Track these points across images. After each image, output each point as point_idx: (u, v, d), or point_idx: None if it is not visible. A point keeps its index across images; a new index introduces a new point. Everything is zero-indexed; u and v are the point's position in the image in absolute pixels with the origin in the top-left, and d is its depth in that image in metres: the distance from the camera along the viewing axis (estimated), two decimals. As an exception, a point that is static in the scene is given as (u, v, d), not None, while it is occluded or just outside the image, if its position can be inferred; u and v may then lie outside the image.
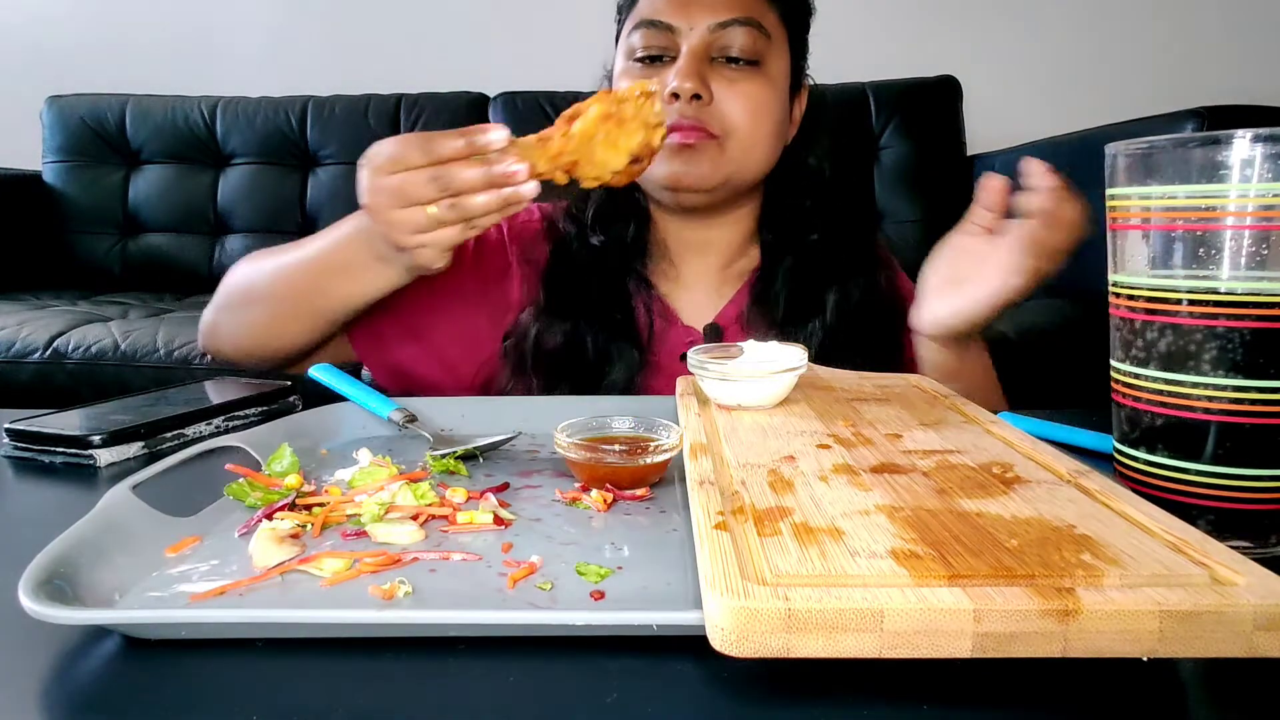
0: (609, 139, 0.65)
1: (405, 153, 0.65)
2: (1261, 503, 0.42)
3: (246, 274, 0.86)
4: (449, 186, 0.64)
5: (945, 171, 2.25)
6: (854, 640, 0.28)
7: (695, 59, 0.82)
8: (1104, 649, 0.29)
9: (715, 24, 0.83)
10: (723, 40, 0.83)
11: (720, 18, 0.83)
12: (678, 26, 0.84)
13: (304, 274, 0.79)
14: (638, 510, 0.49)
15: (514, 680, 0.32)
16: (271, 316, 0.82)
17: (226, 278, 0.87)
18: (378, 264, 0.74)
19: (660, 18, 0.84)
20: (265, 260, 0.84)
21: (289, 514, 0.47)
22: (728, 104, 0.83)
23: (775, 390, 0.56)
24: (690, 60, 0.82)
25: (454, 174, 0.63)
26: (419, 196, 0.64)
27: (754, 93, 0.84)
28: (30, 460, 0.63)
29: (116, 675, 0.33)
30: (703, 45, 0.83)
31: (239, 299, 0.85)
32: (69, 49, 2.68)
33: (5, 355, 1.69)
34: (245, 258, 0.88)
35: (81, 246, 2.42)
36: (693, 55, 0.83)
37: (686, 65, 0.82)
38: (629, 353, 0.86)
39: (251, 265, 0.86)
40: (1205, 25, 2.46)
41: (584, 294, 0.88)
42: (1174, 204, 0.43)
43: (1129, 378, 0.46)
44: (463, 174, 0.63)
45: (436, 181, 0.64)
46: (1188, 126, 1.41)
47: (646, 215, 0.93)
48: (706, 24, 0.83)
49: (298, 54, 2.66)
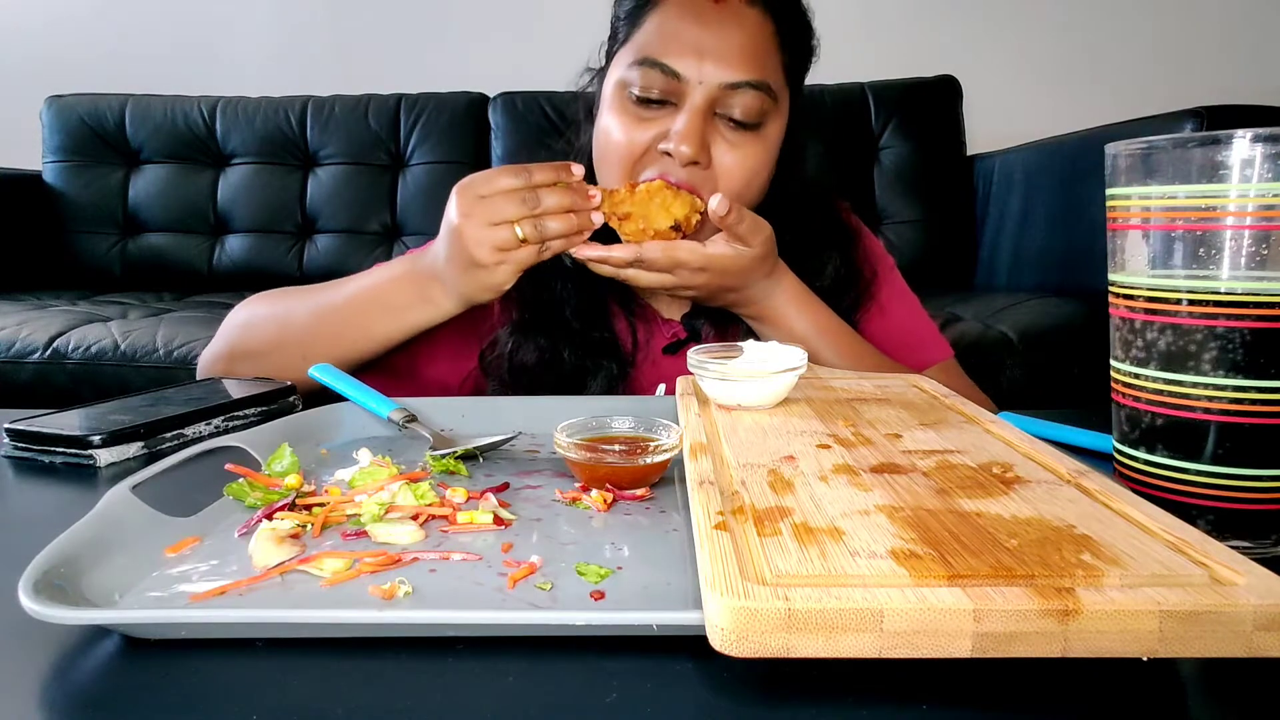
0: (663, 204, 0.77)
1: (502, 176, 0.73)
2: (1261, 503, 0.42)
3: (267, 316, 0.86)
4: (537, 206, 0.72)
5: (945, 171, 2.25)
6: (854, 640, 0.28)
7: (698, 119, 0.78)
8: (1104, 649, 0.29)
9: (726, 83, 0.78)
10: (729, 99, 0.78)
11: (732, 78, 0.78)
12: (686, 77, 0.78)
13: (349, 314, 0.81)
14: (638, 510, 0.49)
15: (514, 680, 0.32)
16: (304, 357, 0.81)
17: (235, 320, 0.88)
18: (423, 304, 0.79)
19: (668, 61, 0.78)
20: (292, 301, 0.85)
21: (289, 514, 0.47)
22: (725, 169, 0.80)
23: (775, 390, 0.56)
24: (693, 121, 0.78)
25: (542, 195, 0.73)
26: (509, 214, 0.72)
27: (751, 159, 0.81)
28: (30, 460, 0.63)
29: (116, 675, 0.33)
30: (707, 103, 0.78)
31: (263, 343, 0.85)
32: (69, 49, 2.68)
33: (5, 355, 1.69)
34: (250, 301, 0.88)
35: (81, 246, 2.42)
36: (696, 115, 0.78)
37: (688, 127, 0.77)
38: (608, 366, 0.86)
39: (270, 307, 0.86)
40: (1205, 25, 2.46)
41: (560, 310, 0.87)
42: (1174, 204, 0.43)
43: (1129, 378, 0.46)
44: (549, 197, 0.73)
45: (526, 202, 0.72)
46: (1188, 126, 1.41)
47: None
48: (717, 81, 0.78)
49: (298, 54, 2.66)
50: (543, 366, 0.85)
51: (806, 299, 0.84)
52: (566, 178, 0.74)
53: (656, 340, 0.90)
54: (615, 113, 0.82)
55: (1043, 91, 2.49)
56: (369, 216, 2.36)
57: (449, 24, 2.61)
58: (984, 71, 2.40)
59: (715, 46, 0.78)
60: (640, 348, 0.89)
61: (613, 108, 0.83)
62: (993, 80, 2.43)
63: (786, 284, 0.83)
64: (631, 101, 0.81)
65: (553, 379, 0.86)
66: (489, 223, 0.72)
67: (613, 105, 0.83)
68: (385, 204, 2.37)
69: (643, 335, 0.89)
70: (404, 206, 2.36)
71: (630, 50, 0.82)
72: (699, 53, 0.78)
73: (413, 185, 2.36)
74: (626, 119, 0.81)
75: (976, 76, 2.33)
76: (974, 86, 2.30)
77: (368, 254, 2.33)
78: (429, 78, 2.45)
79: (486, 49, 2.59)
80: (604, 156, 0.84)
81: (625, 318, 0.90)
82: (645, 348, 0.89)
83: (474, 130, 2.37)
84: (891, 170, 2.25)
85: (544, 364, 0.86)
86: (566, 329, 0.87)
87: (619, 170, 0.82)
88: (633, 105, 0.81)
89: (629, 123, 0.81)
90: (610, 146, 0.83)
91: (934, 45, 2.49)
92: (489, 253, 0.72)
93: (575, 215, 0.74)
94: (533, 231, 0.72)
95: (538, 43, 2.55)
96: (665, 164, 0.80)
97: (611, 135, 0.82)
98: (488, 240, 0.72)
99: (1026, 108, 2.44)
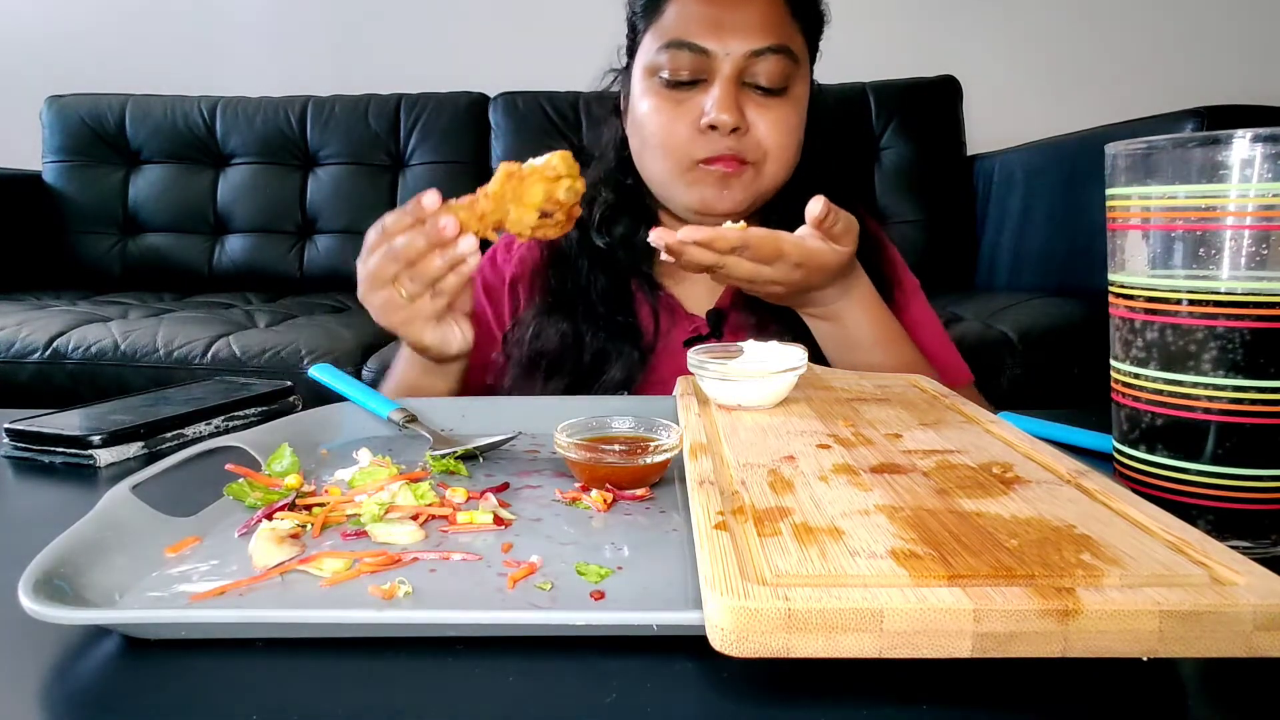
0: (516, 196, 0.70)
1: (368, 240, 0.71)
2: (1261, 503, 0.42)
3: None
4: (399, 256, 0.68)
5: (945, 171, 2.25)
6: (854, 640, 0.28)
7: (731, 87, 0.82)
8: (1104, 649, 0.29)
9: (751, 51, 0.82)
10: (755, 66, 0.82)
11: (755, 45, 0.82)
12: (713, 51, 0.82)
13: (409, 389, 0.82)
14: (638, 510, 0.49)
15: (514, 680, 0.32)
16: None
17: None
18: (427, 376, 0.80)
19: (694, 40, 0.82)
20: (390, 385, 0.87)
21: (289, 514, 0.47)
22: (762, 131, 0.83)
23: (775, 390, 0.56)
24: (727, 90, 0.81)
25: (398, 244, 0.68)
26: (385, 274, 0.69)
27: (785, 119, 0.84)
28: (30, 460, 0.63)
29: (116, 675, 0.33)
30: (736, 72, 0.82)
31: None
32: (69, 49, 2.68)
33: (5, 355, 1.69)
34: None
35: (81, 246, 2.42)
36: (729, 83, 0.82)
37: (725, 97, 0.81)
38: (629, 352, 0.87)
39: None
40: (1205, 25, 2.46)
41: (585, 295, 0.88)
42: (1174, 204, 0.43)
43: (1129, 378, 0.46)
44: (403, 241, 0.68)
45: (389, 254, 0.69)
46: (1188, 126, 1.41)
47: (653, 217, 0.94)
48: (742, 50, 0.82)
49: (298, 54, 2.65)
50: (564, 349, 0.86)
51: (876, 303, 0.83)
52: (420, 213, 0.69)
53: (678, 332, 0.90)
54: (650, 99, 0.86)
55: (1043, 91, 2.49)
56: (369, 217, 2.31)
57: (449, 24, 2.61)
58: (984, 71, 2.40)
59: (735, 20, 0.82)
60: (662, 337, 0.89)
61: (647, 95, 0.86)
62: (993, 80, 2.43)
63: (862, 285, 0.81)
64: (664, 85, 0.85)
65: (572, 363, 0.86)
66: (373, 290, 0.71)
67: (646, 93, 0.86)
68: (385, 204, 2.36)
69: (665, 324, 0.90)
70: (404, 207, 2.37)
71: (653, 39, 0.86)
72: (720, 27, 0.82)
73: (413, 185, 2.36)
74: (662, 102, 0.85)
75: (976, 76, 2.33)
76: (974, 86, 2.30)
77: (368, 254, 2.33)
78: (429, 78, 2.45)
79: (486, 49, 2.59)
80: (647, 144, 0.87)
81: (649, 305, 0.91)
82: (666, 337, 0.89)
83: (474, 130, 2.37)
84: (892, 170, 2.25)
85: (565, 346, 0.86)
86: (591, 312, 0.88)
87: (667, 156, 0.85)
88: (666, 89, 0.85)
89: (666, 106, 0.85)
90: (653, 133, 0.86)
91: (934, 45, 2.49)
92: (390, 316, 0.71)
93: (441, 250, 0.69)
94: (412, 285, 0.69)
95: (538, 43, 2.55)
96: (710, 139, 0.82)
97: (652, 122, 0.86)
98: (379, 305, 0.71)
99: (1026, 108, 2.44)
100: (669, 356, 0.89)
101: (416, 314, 0.71)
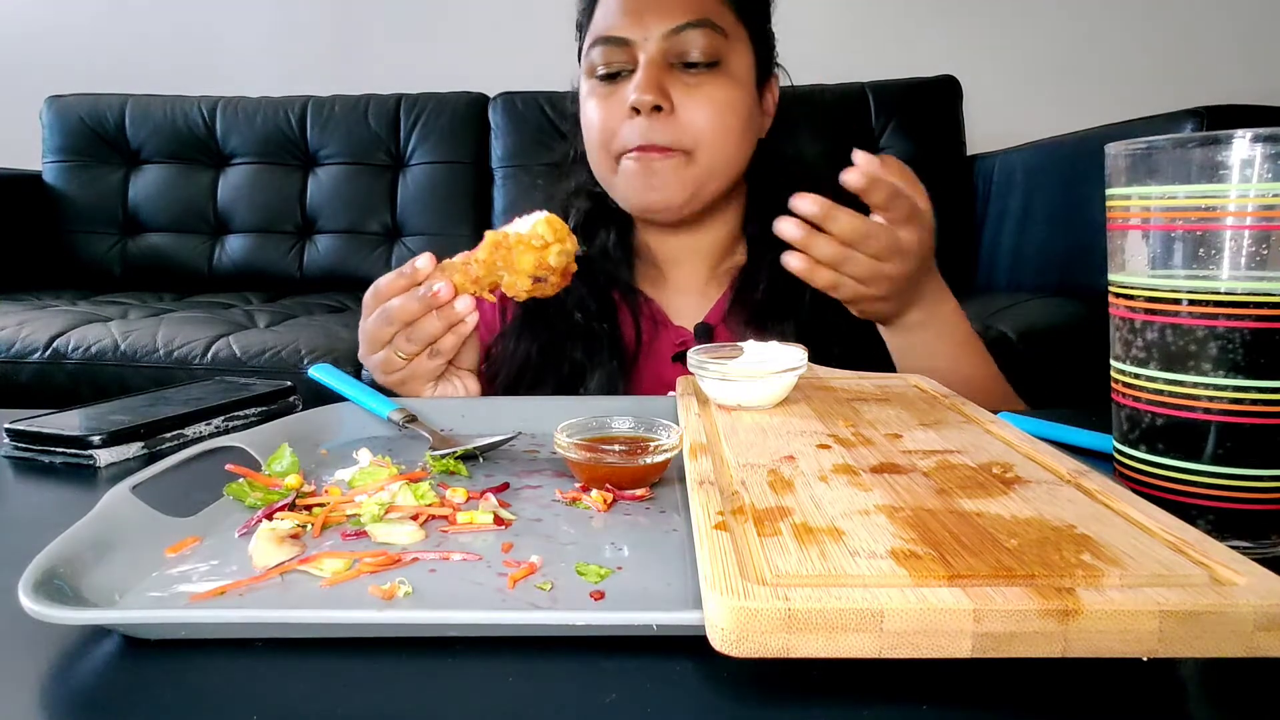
0: (506, 264, 0.71)
1: (366, 302, 0.71)
2: (1261, 503, 0.42)
3: None
4: (394, 319, 0.69)
5: (945, 171, 2.25)
6: (854, 640, 0.28)
7: (653, 69, 0.81)
8: (1104, 649, 0.29)
9: (669, 30, 0.81)
10: (679, 45, 0.82)
11: (673, 23, 0.81)
12: (633, 39, 0.82)
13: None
14: (638, 510, 0.49)
15: (514, 680, 0.32)
16: None
17: None
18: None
19: (614, 32, 0.83)
20: None
21: (289, 514, 0.47)
22: (691, 112, 0.82)
23: (775, 390, 0.56)
24: (647, 71, 0.81)
25: (392, 307, 0.69)
26: (382, 337, 0.70)
27: (716, 95, 0.83)
28: (30, 460, 0.63)
29: (116, 675, 0.33)
30: (659, 54, 0.82)
31: None
32: (69, 49, 2.68)
33: (5, 355, 1.69)
34: None
35: (81, 246, 2.42)
36: (650, 65, 0.81)
37: (644, 77, 0.81)
38: (608, 363, 0.86)
39: None
40: (1205, 25, 2.46)
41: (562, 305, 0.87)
42: (1174, 204, 0.43)
43: (1129, 378, 0.46)
44: (397, 304, 0.68)
45: (385, 316, 0.69)
46: (1188, 126, 1.41)
47: (630, 224, 0.93)
48: (660, 31, 0.81)
49: (298, 54, 2.66)
50: (544, 361, 0.86)
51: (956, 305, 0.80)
52: (415, 276, 0.69)
53: (662, 342, 0.89)
54: (588, 99, 0.87)
55: (1043, 91, 2.49)
56: (369, 217, 2.36)
57: (449, 24, 2.61)
58: (984, 71, 2.40)
59: (653, 4, 0.83)
60: (645, 347, 0.88)
61: (587, 96, 0.87)
62: (993, 80, 2.43)
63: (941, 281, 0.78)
64: (598, 82, 0.86)
65: (553, 376, 0.86)
66: (371, 352, 0.72)
67: (586, 94, 0.88)
68: (385, 204, 2.37)
69: (648, 334, 0.89)
70: (404, 207, 2.36)
71: (589, 39, 0.87)
72: (638, 13, 0.83)
73: (413, 185, 2.36)
74: (596, 99, 0.86)
75: (976, 76, 2.33)
76: (974, 86, 2.30)
77: (368, 254, 2.33)
78: (429, 78, 2.45)
79: (486, 49, 2.59)
80: (588, 143, 0.88)
81: (631, 315, 0.90)
82: (649, 348, 0.88)
83: (474, 130, 2.37)
84: (892, 170, 2.25)
85: (545, 359, 0.86)
86: (568, 321, 0.88)
87: (600, 149, 0.86)
88: (599, 86, 0.86)
89: (599, 101, 0.85)
90: (587, 129, 0.87)
91: (934, 45, 2.49)
92: (389, 376, 0.72)
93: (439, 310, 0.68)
94: (408, 345, 0.70)
95: (538, 43, 2.53)
96: (637, 125, 0.82)
97: (586, 120, 0.87)
98: (377, 365, 0.72)
99: (1026, 108, 2.44)
100: (654, 366, 0.88)
101: (415, 373, 0.72)
